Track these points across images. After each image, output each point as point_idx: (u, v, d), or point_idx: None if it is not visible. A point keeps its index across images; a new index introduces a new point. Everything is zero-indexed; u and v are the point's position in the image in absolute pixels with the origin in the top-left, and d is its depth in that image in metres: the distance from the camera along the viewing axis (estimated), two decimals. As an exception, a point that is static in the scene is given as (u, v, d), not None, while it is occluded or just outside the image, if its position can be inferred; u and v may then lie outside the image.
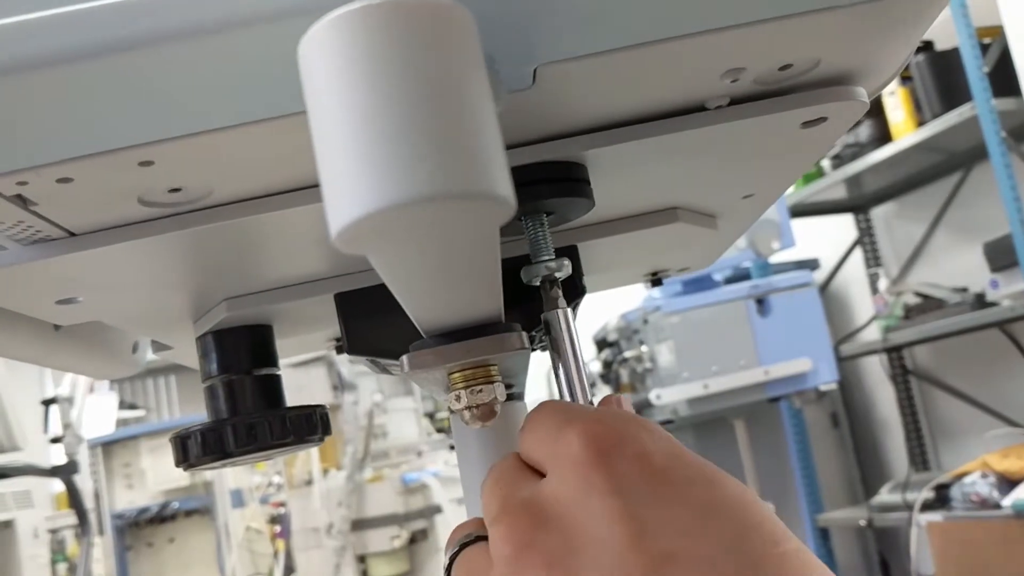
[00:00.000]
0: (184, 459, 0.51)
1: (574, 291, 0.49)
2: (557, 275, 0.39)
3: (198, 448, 0.50)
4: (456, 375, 0.39)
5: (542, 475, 0.32)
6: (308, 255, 0.45)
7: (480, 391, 0.38)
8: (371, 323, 0.49)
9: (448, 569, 0.35)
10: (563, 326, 0.38)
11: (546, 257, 0.39)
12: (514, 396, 0.52)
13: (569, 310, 0.39)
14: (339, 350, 0.71)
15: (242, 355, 0.53)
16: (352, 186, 0.17)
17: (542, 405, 0.35)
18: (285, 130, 0.30)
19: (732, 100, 0.38)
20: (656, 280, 0.73)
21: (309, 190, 0.37)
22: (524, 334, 0.38)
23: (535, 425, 0.34)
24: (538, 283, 0.39)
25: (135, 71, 0.27)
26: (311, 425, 0.52)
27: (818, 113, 0.39)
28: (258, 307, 0.49)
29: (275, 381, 0.54)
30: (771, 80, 0.37)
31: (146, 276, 0.42)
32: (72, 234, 0.36)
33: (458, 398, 0.39)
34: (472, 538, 0.34)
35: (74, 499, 2.60)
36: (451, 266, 0.24)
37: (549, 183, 0.38)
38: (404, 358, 0.38)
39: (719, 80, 0.35)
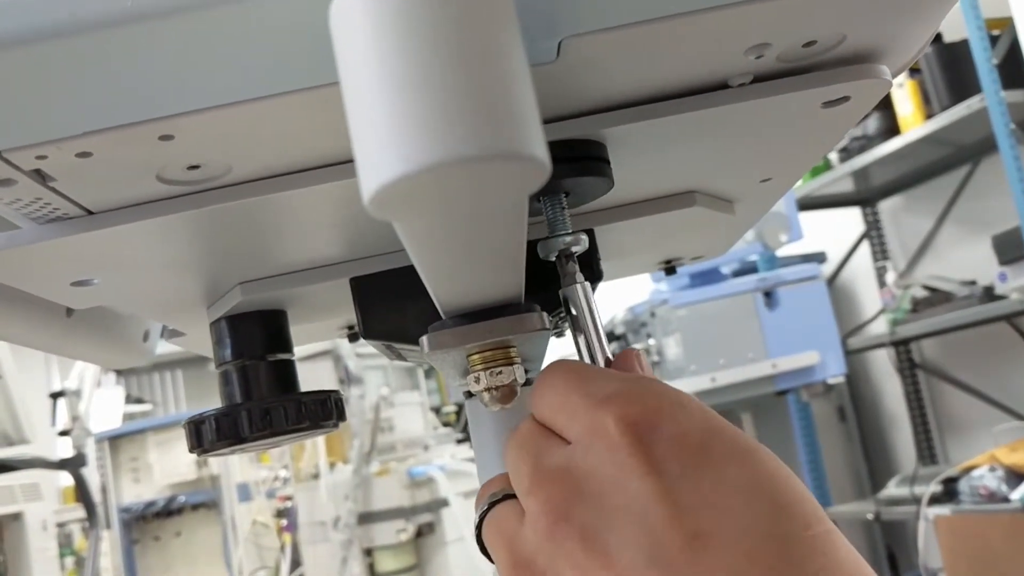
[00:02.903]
0: (198, 444, 0.51)
1: (591, 275, 0.48)
2: (574, 250, 0.38)
3: (213, 433, 0.50)
4: (475, 356, 0.39)
5: (563, 439, 0.33)
6: (324, 238, 0.45)
7: (500, 372, 0.38)
8: (387, 307, 0.49)
9: (479, 527, 0.35)
10: (583, 300, 0.38)
11: (563, 232, 0.39)
12: (530, 382, 0.51)
13: (588, 284, 0.38)
14: (351, 338, 0.71)
15: (256, 340, 0.52)
16: (389, 146, 0.17)
17: (556, 367, 0.34)
18: (308, 104, 0.30)
19: (755, 78, 0.38)
20: (670, 268, 0.73)
21: (329, 168, 0.36)
22: (545, 314, 0.37)
23: (553, 391, 0.33)
24: (554, 258, 0.39)
25: (157, 42, 0.27)
26: (326, 410, 0.52)
27: (842, 92, 0.39)
28: (273, 291, 0.49)
29: (289, 367, 0.54)
30: (795, 57, 0.36)
31: (162, 257, 0.42)
32: (89, 212, 0.36)
33: (477, 380, 0.39)
34: (501, 496, 0.35)
35: (83, 492, 2.60)
36: (481, 235, 0.24)
37: (569, 162, 0.37)
38: (424, 339, 0.38)
39: (743, 56, 0.35)
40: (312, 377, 3.51)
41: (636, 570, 0.28)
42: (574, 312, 0.38)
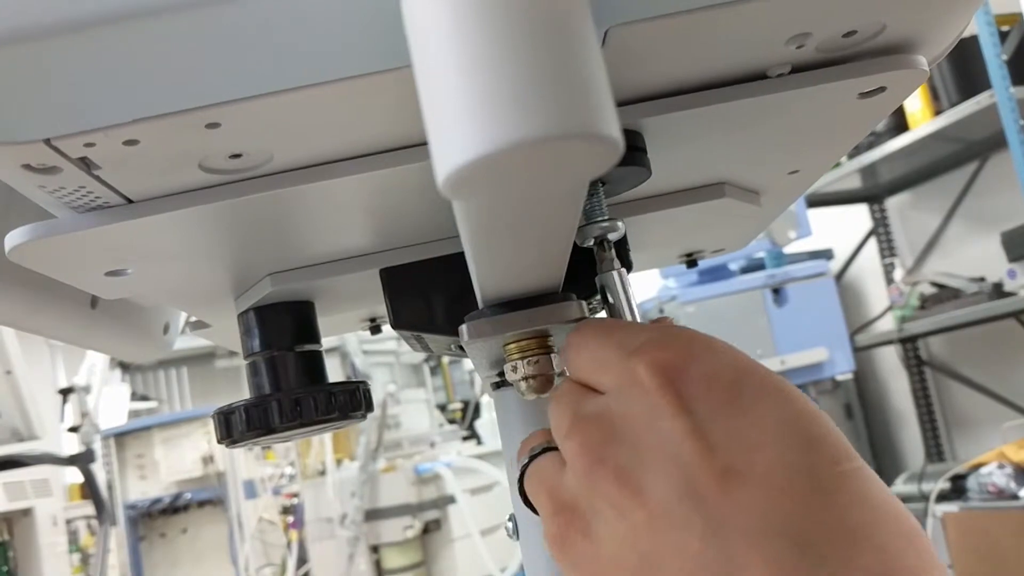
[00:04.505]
0: (228, 435, 0.51)
1: (623, 265, 0.49)
2: (611, 236, 0.38)
3: (242, 424, 0.50)
4: (512, 345, 0.39)
5: (600, 392, 0.33)
6: (357, 228, 0.45)
7: (537, 361, 0.38)
8: (416, 298, 0.49)
9: (521, 479, 0.37)
10: (619, 287, 0.38)
11: (600, 218, 0.39)
12: (563, 373, 0.51)
13: (624, 271, 0.38)
14: (373, 330, 0.71)
15: (285, 331, 0.52)
16: (470, 125, 0.17)
17: (584, 326, 0.35)
18: (357, 91, 0.30)
19: (793, 68, 0.38)
20: (692, 261, 0.73)
21: (369, 157, 0.36)
22: (584, 303, 0.37)
23: (585, 348, 0.34)
24: (591, 244, 0.39)
25: (207, 29, 0.27)
26: (355, 401, 0.52)
27: (879, 82, 0.39)
28: (302, 282, 0.49)
29: (317, 357, 0.54)
30: (834, 47, 0.36)
31: (197, 247, 0.42)
32: (129, 201, 0.36)
33: (514, 369, 0.39)
34: (540, 449, 0.36)
35: (92, 488, 2.61)
36: (541, 218, 0.24)
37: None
38: (463, 327, 0.38)
39: (784, 46, 0.35)
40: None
41: (669, 505, 0.29)
42: (610, 299, 0.38)
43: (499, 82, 0.17)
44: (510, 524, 0.52)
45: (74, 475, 3.97)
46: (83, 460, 2.58)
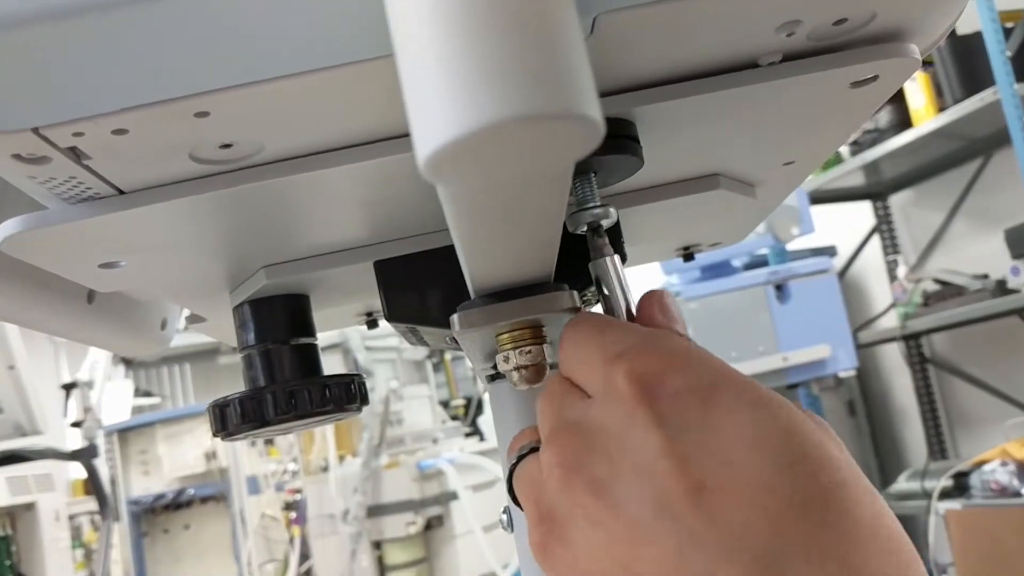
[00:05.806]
0: (222, 428, 0.51)
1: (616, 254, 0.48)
2: (603, 222, 0.38)
3: (237, 417, 0.50)
4: (504, 336, 0.39)
5: (586, 393, 0.34)
6: (350, 220, 0.45)
7: (529, 351, 0.38)
8: (411, 290, 0.49)
9: (510, 478, 0.37)
10: (613, 274, 0.38)
11: (592, 204, 0.38)
12: (555, 365, 0.51)
13: (617, 257, 0.38)
14: (369, 324, 0.71)
15: (280, 324, 0.52)
16: (450, 104, 0.17)
17: (578, 321, 0.35)
18: (346, 79, 0.30)
19: (784, 57, 0.38)
20: (688, 255, 0.73)
21: (360, 147, 0.36)
22: (575, 293, 0.37)
23: (575, 345, 0.34)
24: (584, 231, 0.39)
25: (195, 16, 0.27)
26: (350, 394, 0.52)
27: (871, 71, 0.38)
28: (297, 275, 0.49)
29: (312, 350, 0.54)
30: (825, 36, 0.36)
31: (190, 238, 0.42)
32: (120, 192, 0.36)
33: (507, 359, 0.39)
34: (528, 449, 0.36)
35: (95, 483, 2.61)
36: (526, 204, 0.24)
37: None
38: (455, 317, 0.38)
39: (774, 34, 0.35)
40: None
41: (642, 519, 0.29)
42: (605, 289, 0.38)
43: (476, 63, 0.17)
44: (505, 517, 0.52)
45: (77, 470, 3.98)
46: (86, 455, 2.58)
